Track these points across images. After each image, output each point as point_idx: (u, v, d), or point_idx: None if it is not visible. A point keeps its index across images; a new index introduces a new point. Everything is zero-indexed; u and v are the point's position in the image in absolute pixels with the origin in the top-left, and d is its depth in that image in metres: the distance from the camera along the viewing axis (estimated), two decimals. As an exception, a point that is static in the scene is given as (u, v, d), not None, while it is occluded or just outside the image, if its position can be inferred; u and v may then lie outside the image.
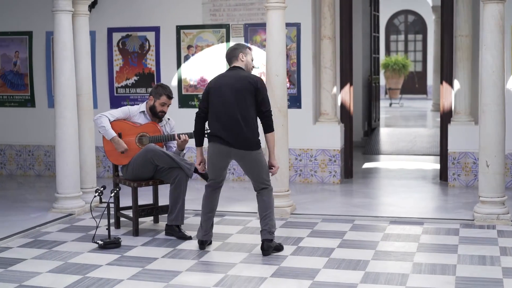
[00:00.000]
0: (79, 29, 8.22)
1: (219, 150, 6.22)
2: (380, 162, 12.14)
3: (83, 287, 5.34)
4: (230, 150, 6.19)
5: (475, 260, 5.95)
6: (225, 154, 6.22)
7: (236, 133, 6.13)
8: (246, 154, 6.17)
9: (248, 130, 6.15)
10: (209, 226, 6.46)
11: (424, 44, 27.95)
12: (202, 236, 6.42)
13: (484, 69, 7.21)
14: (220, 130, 6.17)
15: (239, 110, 6.14)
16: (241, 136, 6.13)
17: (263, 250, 6.17)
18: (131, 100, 10.21)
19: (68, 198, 7.91)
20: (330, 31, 9.59)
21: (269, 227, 6.20)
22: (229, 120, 6.15)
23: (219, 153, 6.23)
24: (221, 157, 6.25)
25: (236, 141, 6.14)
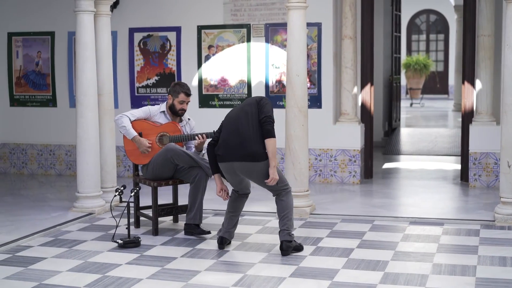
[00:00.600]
0: (101, 29, 8.26)
1: (224, 167, 6.26)
2: (401, 162, 12.09)
3: (103, 286, 5.37)
4: (232, 165, 6.18)
5: (495, 261, 5.91)
6: (232, 170, 6.24)
7: (239, 148, 6.12)
8: (253, 166, 6.14)
9: (252, 144, 6.12)
10: (231, 226, 6.48)
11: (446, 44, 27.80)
12: (222, 233, 6.44)
13: (507, 68, 7.15)
14: (222, 148, 6.22)
15: (245, 127, 6.16)
16: (245, 148, 6.11)
17: (282, 250, 6.16)
18: (152, 100, 10.25)
19: (88, 198, 7.95)
20: (351, 30, 9.56)
21: (287, 227, 6.19)
22: (233, 136, 6.18)
23: (226, 170, 6.27)
24: (229, 173, 6.29)
25: (240, 155, 6.12)
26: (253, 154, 6.10)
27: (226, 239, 6.48)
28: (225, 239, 6.47)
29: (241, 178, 6.34)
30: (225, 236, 6.46)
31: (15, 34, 10.73)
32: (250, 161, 6.11)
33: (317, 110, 9.67)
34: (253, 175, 6.20)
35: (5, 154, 10.97)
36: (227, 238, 6.48)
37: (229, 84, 10.05)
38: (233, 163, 6.16)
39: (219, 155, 6.23)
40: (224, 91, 10.07)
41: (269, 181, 6.16)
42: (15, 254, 6.31)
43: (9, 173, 10.95)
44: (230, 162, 6.17)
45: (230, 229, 6.49)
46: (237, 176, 6.29)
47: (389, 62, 14.59)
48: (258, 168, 6.14)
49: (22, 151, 10.91)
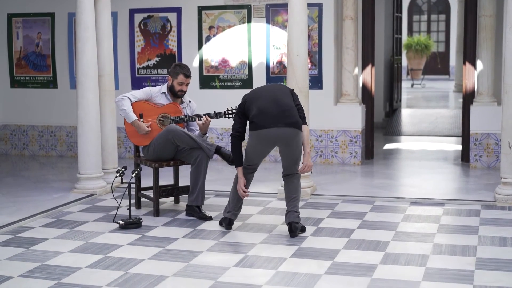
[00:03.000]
0: (101, 10, 8.23)
1: (263, 135, 6.15)
2: (401, 143, 12.10)
3: (104, 266, 5.39)
4: (276, 131, 6.10)
5: (496, 241, 5.93)
6: (271, 139, 6.16)
7: (282, 115, 6.10)
8: (296, 134, 6.12)
9: (295, 113, 6.16)
10: (238, 207, 6.50)
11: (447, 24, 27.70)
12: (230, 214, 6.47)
13: (508, 49, 7.13)
14: (260, 116, 6.14)
15: (284, 99, 6.20)
16: (291, 117, 6.12)
17: (291, 232, 6.16)
18: (153, 81, 10.23)
19: (89, 179, 7.97)
20: (352, 11, 9.53)
21: (296, 209, 6.20)
22: (272, 105, 6.15)
23: (265, 138, 6.16)
24: (265, 143, 6.20)
25: (285, 122, 6.10)
26: (298, 123, 6.14)
27: (233, 220, 6.48)
28: (232, 221, 6.48)
29: (270, 149, 6.32)
30: (232, 218, 6.47)
31: (15, 15, 10.70)
32: (295, 128, 6.13)
33: (318, 91, 9.66)
34: (293, 143, 6.16)
35: (6, 136, 10.98)
36: (233, 219, 6.49)
37: (230, 65, 10.03)
38: (277, 129, 6.10)
39: (257, 123, 6.12)
40: (224, 72, 10.05)
41: (304, 168, 6.29)
42: (16, 235, 6.33)
43: (10, 154, 10.97)
44: (274, 128, 6.10)
45: (237, 211, 6.50)
46: (271, 146, 6.25)
47: (390, 43, 14.55)
48: (299, 137, 6.16)
49: (23, 133, 10.91)
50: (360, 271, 5.20)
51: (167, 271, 5.26)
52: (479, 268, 5.22)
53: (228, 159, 6.97)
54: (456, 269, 5.22)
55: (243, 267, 5.35)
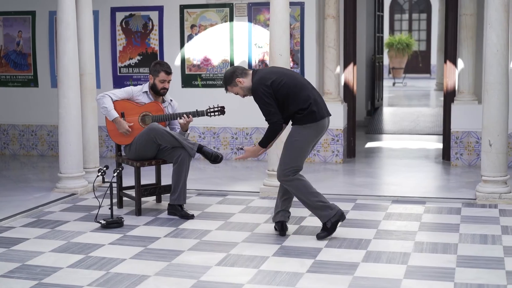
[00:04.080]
0: (82, 9, 8.19)
1: (324, 126, 6.03)
2: (383, 141, 12.15)
3: (86, 266, 5.37)
4: (327, 120, 6.07)
5: (476, 239, 5.97)
6: (325, 128, 6.08)
7: (324, 103, 6.09)
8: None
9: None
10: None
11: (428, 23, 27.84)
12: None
13: (489, 48, 7.18)
14: (323, 106, 6.01)
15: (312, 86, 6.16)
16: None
17: (282, 231, 6.15)
18: (134, 80, 10.20)
19: (71, 178, 7.93)
20: (334, 10, 9.55)
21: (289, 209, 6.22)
22: (316, 92, 6.08)
23: (323, 128, 6.03)
24: (322, 133, 6.08)
25: (328, 110, 6.10)
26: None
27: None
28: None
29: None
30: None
31: (-5, 13, 10.63)
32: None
33: (300, 89, 9.65)
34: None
35: (-14, 135, 10.91)
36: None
37: (212, 63, 10.02)
38: (328, 119, 6.07)
39: (317, 112, 5.91)
40: (207, 70, 10.04)
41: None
42: (-3, 235, 6.30)
43: (-10, 154, 10.90)
44: (327, 118, 6.04)
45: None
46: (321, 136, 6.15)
47: (371, 42, 14.61)
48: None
49: (3, 132, 10.84)
50: (342, 269, 5.21)
51: (149, 270, 5.25)
52: (460, 265, 5.25)
53: (211, 158, 6.96)
54: (437, 266, 5.25)
55: (225, 266, 5.35)
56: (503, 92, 7.17)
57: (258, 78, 5.96)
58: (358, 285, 4.88)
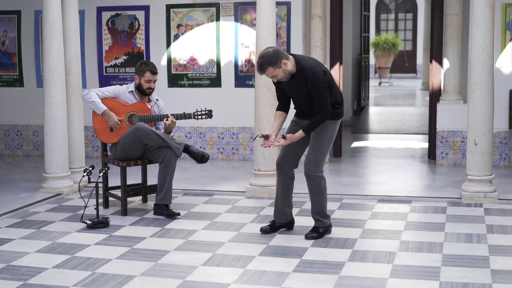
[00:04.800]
0: (68, 8, 8.16)
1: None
2: (369, 141, 12.18)
3: (71, 267, 5.35)
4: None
5: (462, 238, 5.99)
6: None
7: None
8: None
9: None
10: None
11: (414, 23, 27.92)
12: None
13: (474, 47, 7.21)
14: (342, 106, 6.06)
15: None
16: None
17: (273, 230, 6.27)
18: (120, 79, 10.18)
19: (56, 178, 7.90)
20: (320, 9, 9.55)
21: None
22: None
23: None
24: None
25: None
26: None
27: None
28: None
29: None
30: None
31: (-20, 13, 10.58)
32: None
33: (286, 89, 9.66)
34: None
35: (-29, 135, 10.85)
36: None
37: (198, 63, 10.00)
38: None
39: (342, 110, 5.99)
40: (193, 70, 10.03)
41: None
42: (-18, 235, 6.26)
43: (-25, 154, 10.84)
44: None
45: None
46: None
47: (358, 41, 14.63)
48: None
49: (-12, 132, 10.79)
50: (328, 269, 5.22)
51: (135, 270, 5.24)
52: (445, 264, 5.28)
53: (197, 158, 6.95)
54: (423, 265, 5.27)
55: (211, 266, 5.34)
56: (488, 91, 7.20)
57: (315, 64, 5.82)
58: (344, 285, 4.89)
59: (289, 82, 5.81)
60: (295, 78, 5.78)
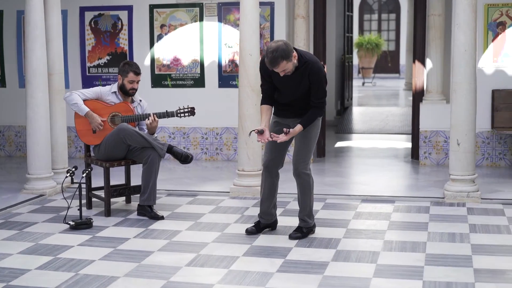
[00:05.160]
0: (51, 8, 8.11)
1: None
2: (353, 141, 12.21)
3: (54, 268, 5.32)
4: None
5: (445, 237, 6.02)
6: None
7: None
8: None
9: None
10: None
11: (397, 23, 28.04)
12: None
13: (456, 48, 7.24)
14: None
15: None
16: None
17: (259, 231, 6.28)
18: (104, 80, 10.14)
19: (39, 179, 7.85)
20: (304, 10, 9.57)
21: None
22: None
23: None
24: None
25: None
26: None
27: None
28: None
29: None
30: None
31: (-39, 12, 10.50)
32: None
33: (270, 89, 9.66)
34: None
35: (-47, 136, 10.77)
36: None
37: (182, 63, 9.99)
38: None
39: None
40: (176, 70, 10.01)
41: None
42: (-36, 237, 6.22)
43: (-43, 154, 10.76)
44: None
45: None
46: None
47: (341, 42, 14.67)
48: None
49: (-30, 133, 10.72)
50: (312, 269, 5.23)
51: (118, 271, 5.22)
52: (428, 264, 5.30)
53: (180, 158, 6.94)
54: (406, 265, 5.29)
55: (195, 267, 5.33)
56: (471, 91, 7.24)
57: (316, 59, 5.86)
58: (328, 284, 4.89)
59: (289, 76, 5.76)
60: (297, 72, 5.77)
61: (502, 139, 9.18)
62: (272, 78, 5.86)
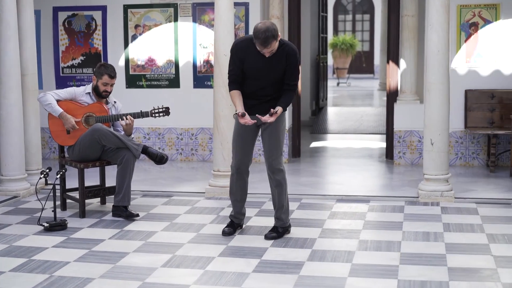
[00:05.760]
0: (23, 8, 8.05)
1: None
2: (328, 141, 12.25)
3: (29, 270, 5.28)
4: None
5: (419, 236, 6.07)
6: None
7: None
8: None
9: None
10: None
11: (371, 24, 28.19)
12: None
13: (430, 48, 7.30)
14: None
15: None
16: None
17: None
18: (78, 80, 10.08)
19: (12, 180, 7.79)
20: (278, 10, 9.59)
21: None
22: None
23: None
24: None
25: None
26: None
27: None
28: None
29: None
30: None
31: None
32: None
33: (245, 90, 9.67)
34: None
35: None
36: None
37: (157, 64, 9.96)
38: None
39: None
40: (151, 71, 9.98)
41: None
42: None
43: None
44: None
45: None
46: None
47: (316, 42, 14.71)
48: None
49: None
50: (288, 269, 5.24)
51: (93, 273, 5.19)
52: (403, 263, 5.33)
53: (155, 159, 6.92)
54: (381, 264, 5.32)
55: (171, 267, 5.32)
56: (444, 92, 7.31)
57: (290, 42, 6.03)
58: (304, 284, 4.91)
59: (267, 58, 5.80)
60: (275, 57, 5.81)
61: (475, 138, 9.27)
62: (244, 64, 5.86)
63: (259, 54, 5.78)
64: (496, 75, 9.11)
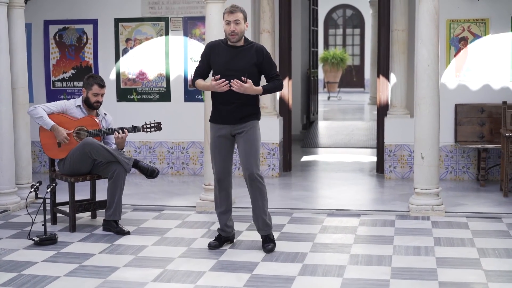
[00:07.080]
0: (15, 21, 8.04)
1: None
2: (318, 155, 12.26)
3: (18, 284, 5.25)
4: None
5: (410, 250, 6.07)
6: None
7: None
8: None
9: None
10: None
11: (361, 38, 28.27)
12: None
13: (419, 63, 7.34)
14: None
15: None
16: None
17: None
18: (68, 94, 10.07)
19: (2, 194, 7.75)
20: (269, 24, 9.62)
21: None
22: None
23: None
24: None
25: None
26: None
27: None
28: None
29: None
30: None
31: None
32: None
33: (236, 103, 9.67)
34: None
35: None
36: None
37: (148, 77, 9.96)
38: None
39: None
40: (142, 84, 9.98)
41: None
42: None
43: None
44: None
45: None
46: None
47: (306, 56, 14.76)
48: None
49: None
50: (279, 283, 5.23)
51: (84, 287, 5.17)
52: (394, 277, 5.34)
53: (146, 173, 6.91)
54: (372, 278, 5.32)
55: (162, 282, 5.31)
56: (434, 105, 7.34)
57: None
58: (295, 299, 4.90)
59: (234, 52, 5.98)
60: (243, 51, 6.01)
61: (465, 152, 9.30)
62: (211, 58, 6.05)
63: (227, 50, 6.00)
64: (486, 89, 9.16)
